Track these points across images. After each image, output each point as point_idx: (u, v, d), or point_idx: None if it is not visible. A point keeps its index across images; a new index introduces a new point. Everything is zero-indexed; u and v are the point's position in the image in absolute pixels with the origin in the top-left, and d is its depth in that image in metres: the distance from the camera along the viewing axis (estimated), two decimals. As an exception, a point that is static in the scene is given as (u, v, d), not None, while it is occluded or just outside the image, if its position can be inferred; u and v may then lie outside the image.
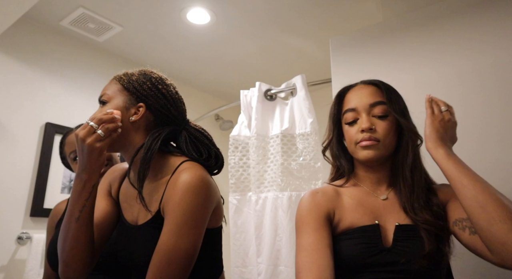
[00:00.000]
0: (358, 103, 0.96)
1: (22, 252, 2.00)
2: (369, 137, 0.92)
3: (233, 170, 1.94)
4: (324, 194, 0.98)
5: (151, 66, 1.04)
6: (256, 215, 1.80)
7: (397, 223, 0.89)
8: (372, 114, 0.95)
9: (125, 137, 0.93)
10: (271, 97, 1.96)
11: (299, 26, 2.31)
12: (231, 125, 3.10)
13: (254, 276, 1.76)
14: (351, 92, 1.01)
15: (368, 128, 0.92)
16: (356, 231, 0.90)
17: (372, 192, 0.98)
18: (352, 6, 2.11)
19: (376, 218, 0.92)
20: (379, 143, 0.92)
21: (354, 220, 0.92)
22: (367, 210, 0.94)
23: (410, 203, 0.90)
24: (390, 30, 1.57)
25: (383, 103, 0.95)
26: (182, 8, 2.13)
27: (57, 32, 2.34)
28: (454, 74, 1.38)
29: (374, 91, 0.98)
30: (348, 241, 0.90)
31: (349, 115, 0.98)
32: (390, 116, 0.94)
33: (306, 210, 0.95)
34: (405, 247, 0.85)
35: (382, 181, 0.98)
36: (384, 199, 0.96)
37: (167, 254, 0.81)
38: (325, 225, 0.92)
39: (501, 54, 1.30)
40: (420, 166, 0.94)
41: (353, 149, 0.97)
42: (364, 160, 0.94)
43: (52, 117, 2.22)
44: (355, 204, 0.95)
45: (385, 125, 0.93)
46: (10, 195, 2.02)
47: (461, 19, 1.41)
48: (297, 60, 2.71)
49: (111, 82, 0.98)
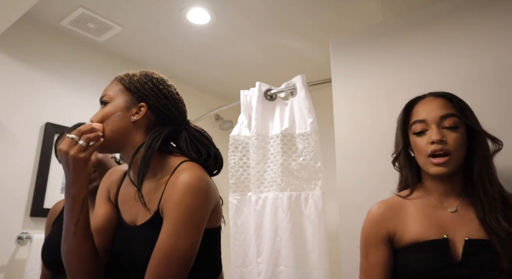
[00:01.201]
0: (428, 115, 0.96)
1: (22, 252, 2.00)
2: (440, 149, 0.92)
3: (233, 170, 1.94)
4: (386, 210, 1.00)
5: (151, 66, 1.04)
6: (256, 215, 1.80)
7: (467, 237, 0.88)
8: (443, 126, 0.95)
9: (126, 137, 0.93)
10: (271, 97, 1.96)
11: (299, 26, 2.31)
12: (231, 125, 3.10)
13: (254, 276, 1.76)
14: (420, 104, 1.01)
15: (439, 140, 0.92)
16: (423, 245, 0.90)
17: (440, 204, 0.97)
18: (352, 6, 2.11)
19: (444, 231, 0.91)
20: (451, 157, 0.92)
21: (420, 234, 0.92)
22: (433, 223, 0.93)
23: (494, 214, 0.88)
24: (390, 30, 1.57)
25: (454, 116, 0.95)
26: (182, 8, 2.13)
27: (57, 32, 2.34)
28: (455, 74, 1.38)
29: (445, 103, 0.98)
30: (415, 255, 0.91)
31: (417, 126, 0.98)
32: (460, 128, 0.94)
33: (367, 231, 1.01)
34: (478, 262, 0.84)
35: (450, 193, 0.97)
36: (452, 211, 0.94)
37: (166, 254, 0.81)
38: (384, 246, 0.96)
39: (502, 54, 1.30)
40: (496, 176, 0.94)
41: (423, 161, 0.96)
42: (436, 175, 0.94)
43: (52, 117, 2.22)
44: (421, 217, 0.95)
45: (456, 137, 0.93)
46: (10, 195, 2.02)
47: (462, 18, 1.40)
48: (297, 60, 2.71)
49: (112, 83, 0.99)
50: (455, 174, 0.96)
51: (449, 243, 0.88)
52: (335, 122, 1.61)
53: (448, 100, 0.98)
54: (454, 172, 0.94)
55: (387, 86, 1.50)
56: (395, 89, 1.48)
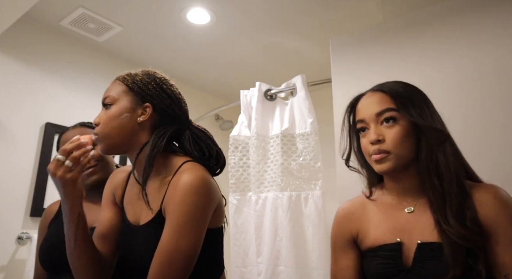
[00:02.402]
0: (365, 114, 0.91)
1: (22, 252, 2.00)
2: (378, 150, 0.86)
3: (233, 170, 1.94)
4: (350, 211, 0.97)
5: (152, 66, 1.04)
6: (256, 215, 1.80)
7: (419, 240, 0.81)
8: (381, 123, 0.88)
9: (132, 138, 0.94)
10: (271, 97, 1.96)
11: (299, 26, 2.31)
12: (231, 125, 3.10)
13: (254, 276, 1.76)
14: (361, 101, 0.95)
15: (375, 140, 0.86)
16: (378, 249, 0.87)
17: (398, 203, 0.90)
18: (352, 6, 2.11)
19: (399, 234, 0.85)
20: (390, 154, 0.85)
21: (377, 237, 0.88)
22: (390, 225, 0.88)
23: (443, 213, 0.80)
24: (390, 30, 1.57)
25: (390, 110, 0.87)
26: (182, 8, 2.13)
27: (57, 32, 2.34)
28: (455, 73, 1.38)
29: (382, 98, 0.90)
30: (371, 259, 0.88)
31: (359, 125, 0.93)
32: (402, 121, 0.86)
33: (334, 235, 0.98)
34: (426, 269, 0.78)
35: (408, 191, 0.89)
36: (409, 211, 0.88)
37: (168, 255, 0.81)
38: (350, 248, 0.94)
39: (502, 54, 1.30)
40: (451, 167, 0.83)
41: (369, 161, 0.91)
42: (379, 173, 0.89)
43: (52, 117, 2.22)
44: (379, 219, 0.91)
45: (394, 133, 0.85)
46: (10, 195, 2.02)
47: (462, 18, 1.40)
48: (297, 60, 2.71)
49: (114, 84, 0.98)
50: (407, 170, 0.88)
51: (402, 247, 0.82)
52: (335, 122, 1.61)
53: (385, 94, 0.90)
54: (399, 168, 0.86)
55: (387, 86, 1.50)
56: (409, 87, 1.48)
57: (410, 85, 0.94)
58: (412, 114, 0.85)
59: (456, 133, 1.32)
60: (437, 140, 0.85)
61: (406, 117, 0.86)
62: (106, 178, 1.20)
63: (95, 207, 1.24)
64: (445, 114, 1.36)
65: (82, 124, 1.28)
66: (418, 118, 0.85)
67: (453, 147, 0.87)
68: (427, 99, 0.92)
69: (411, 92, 0.91)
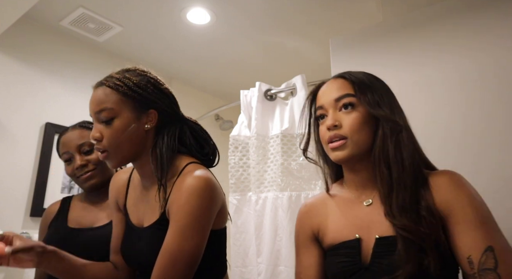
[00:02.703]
0: (324, 100, 0.88)
1: (22, 252, 2.00)
2: (334, 135, 0.83)
3: (233, 170, 1.94)
4: (311, 208, 0.94)
5: (152, 66, 1.03)
6: (256, 215, 1.79)
7: (377, 235, 0.77)
8: (339, 109, 0.85)
9: (141, 146, 0.93)
10: (271, 97, 1.96)
11: (299, 26, 2.31)
12: (231, 125, 3.10)
13: (254, 276, 1.76)
14: (322, 88, 0.92)
15: (331, 125, 0.83)
16: (338, 247, 0.83)
17: (357, 197, 0.87)
18: (352, 6, 2.11)
19: (358, 230, 0.81)
20: (347, 140, 0.82)
21: (337, 234, 0.84)
22: (349, 221, 0.84)
23: (388, 204, 0.77)
24: (390, 30, 1.57)
25: (349, 96, 0.85)
26: (182, 8, 2.13)
27: (57, 32, 2.34)
28: (455, 74, 1.38)
29: (342, 84, 0.87)
30: (331, 258, 0.84)
31: (318, 112, 0.89)
32: (360, 108, 0.84)
33: (296, 232, 0.95)
34: (383, 265, 0.73)
35: (367, 183, 0.86)
36: (368, 204, 0.84)
37: (172, 256, 0.81)
38: (312, 246, 0.90)
39: (502, 54, 1.30)
40: (404, 158, 0.80)
41: (326, 149, 0.87)
42: (336, 161, 0.85)
43: (52, 117, 2.22)
44: (338, 215, 0.87)
45: (351, 119, 0.83)
46: (10, 195, 2.02)
47: (462, 19, 1.40)
48: (297, 60, 2.71)
49: (105, 92, 0.90)
50: (365, 161, 0.84)
51: (361, 243, 0.79)
52: (335, 122, 1.61)
53: (345, 80, 0.88)
54: (357, 157, 0.83)
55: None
56: (395, 89, 1.48)
57: (375, 76, 0.91)
58: (369, 102, 0.83)
59: (456, 133, 1.32)
60: (391, 130, 0.82)
61: (365, 104, 0.83)
62: (104, 180, 1.21)
63: (94, 208, 1.24)
64: (445, 114, 1.37)
65: (81, 125, 1.28)
66: (374, 106, 0.83)
67: (410, 138, 0.83)
68: (389, 91, 0.90)
69: (372, 81, 0.89)
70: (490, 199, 0.80)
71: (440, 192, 0.76)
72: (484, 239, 0.70)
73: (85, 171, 1.20)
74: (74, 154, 1.21)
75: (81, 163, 1.19)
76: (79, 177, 1.21)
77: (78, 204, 1.28)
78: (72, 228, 1.21)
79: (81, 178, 1.21)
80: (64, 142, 1.25)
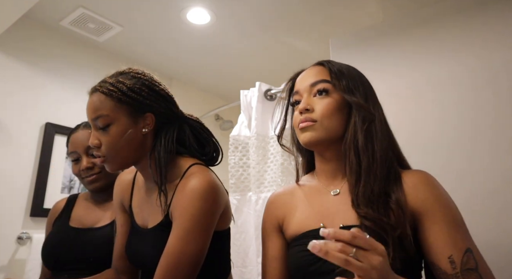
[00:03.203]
0: (301, 86, 0.87)
1: (22, 252, 1.99)
2: (305, 118, 0.82)
3: (233, 170, 1.94)
4: (277, 198, 0.92)
5: (152, 66, 1.03)
6: (256, 215, 1.79)
7: (342, 224, 0.75)
8: (314, 94, 0.85)
9: (140, 150, 0.92)
10: (271, 97, 1.96)
11: (299, 26, 2.30)
12: (231, 125, 3.10)
13: (254, 276, 1.76)
14: (300, 75, 0.92)
15: (303, 108, 0.82)
16: (301, 237, 0.81)
17: (325, 187, 0.85)
18: (352, 6, 2.11)
19: (323, 219, 0.79)
20: (316, 123, 0.81)
21: (301, 225, 0.82)
22: (315, 210, 0.83)
23: (355, 193, 0.76)
24: (391, 30, 1.57)
25: (324, 81, 0.84)
26: (182, 8, 2.13)
27: (57, 32, 2.34)
28: (455, 73, 1.38)
29: (319, 71, 0.87)
30: (293, 248, 0.82)
31: (294, 98, 0.89)
32: (334, 94, 0.83)
33: (262, 223, 0.94)
34: None
35: (337, 173, 0.85)
36: (335, 194, 0.82)
37: (175, 258, 0.81)
38: (277, 237, 0.88)
39: (504, 52, 1.30)
40: (375, 148, 0.78)
41: (297, 133, 0.86)
42: (303, 144, 0.84)
43: (52, 117, 2.22)
44: (305, 205, 0.85)
45: (324, 104, 0.82)
46: (10, 195, 2.02)
47: (462, 18, 1.40)
48: (297, 60, 2.70)
49: (100, 98, 0.90)
50: (335, 150, 0.83)
51: None
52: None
53: (323, 67, 0.88)
54: (324, 141, 0.82)
55: (387, 86, 1.50)
56: (395, 89, 1.48)
57: (355, 68, 0.91)
58: (343, 88, 0.82)
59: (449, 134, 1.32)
60: (364, 118, 0.81)
61: (339, 91, 0.83)
62: (109, 182, 1.21)
63: (97, 208, 1.25)
64: (445, 114, 1.37)
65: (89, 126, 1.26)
66: (348, 93, 0.82)
67: (384, 131, 0.82)
68: (367, 83, 0.89)
69: (351, 71, 0.88)
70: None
71: (415, 191, 0.76)
72: (465, 240, 0.71)
73: (90, 174, 1.20)
74: (81, 155, 1.22)
75: (87, 165, 1.19)
76: (84, 178, 1.22)
77: (82, 202, 1.29)
78: (73, 227, 1.22)
79: (86, 180, 1.22)
80: (72, 141, 1.25)
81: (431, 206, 0.74)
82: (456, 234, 0.71)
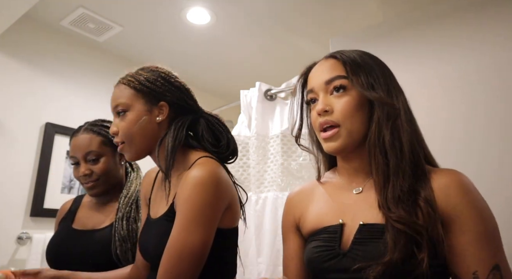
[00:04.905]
0: (315, 83, 0.81)
1: (22, 252, 2.00)
2: (325, 121, 0.77)
3: (233, 169, 1.94)
4: (296, 196, 0.91)
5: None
6: (256, 215, 1.79)
7: (362, 221, 0.72)
8: (330, 92, 0.79)
9: (154, 138, 0.95)
10: (271, 97, 1.96)
11: (299, 26, 2.30)
12: (231, 125, 3.09)
13: (254, 276, 1.76)
14: (313, 70, 0.86)
15: (322, 110, 0.77)
16: (319, 232, 0.79)
17: (348, 184, 0.82)
18: (352, 6, 2.11)
19: (342, 215, 0.76)
20: (340, 128, 0.76)
21: (320, 220, 0.80)
22: (334, 207, 0.80)
23: (384, 194, 0.71)
24: (391, 30, 1.57)
25: (340, 78, 0.78)
26: (182, 8, 2.13)
27: (57, 32, 2.34)
28: (456, 74, 1.38)
29: (333, 65, 0.81)
30: (311, 243, 0.80)
31: (309, 96, 0.83)
32: (353, 91, 0.77)
33: (282, 220, 0.94)
34: (362, 251, 0.69)
35: (360, 171, 0.80)
36: (358, 192, 0.79)
37: (177, 250, 0.81)
38: (292, 236, 0.88)
39: (503, 53, 1.30)
40: (404, 146, 0.73)
41: (319, 137, 0.82)
42: (328, 152, 0.80)
43: (52, 117, 2.22)
44: (324, 201, 0.83)
45: (343, 103, 0.76)
46: (10, 195, 2.02)
47: (463, 18, 1.40)
48: (297, 60, 2.70)
49: (120, 88, 0.97)
50: (359, 149, 0.78)
51: (344, 228, 0.74)
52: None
53: (337, 61, 0.81)
54: (350, 147, 0.77)
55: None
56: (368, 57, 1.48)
57: (369, 54, 0.84)
58: (362, 84, 0.76)
59: (458, 134, 1.32)
60: (388, 114, 0.75)
61: (358, 87, 0.76)
62: (108, 188, 1.23)
63: (100, 209, 1.26)
64: (445, 114, 1.37)
65: (92, 129, 1.24)
66: (367, 89, 0.76)
67: (409, 122, 0.77)
68: (386, 70, 0.83)
69: (366, 60, 0.81)
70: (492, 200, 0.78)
71: (446, 194, 0.69)
72: (493, 256, 0.65)
73: (88, 181, 1.20)
74: (80, 161, 1.21)
75: (85, 172, 1.19)
76: (82, 183, 1.23)
77: (87, 204, 1.30)
78: (75, 229, 1.23)
79: (84, 186, 1.23)
80: (73, 146, 1.24)
81: (461, 213, 0.67)
82: (486, 247, 0.66)
